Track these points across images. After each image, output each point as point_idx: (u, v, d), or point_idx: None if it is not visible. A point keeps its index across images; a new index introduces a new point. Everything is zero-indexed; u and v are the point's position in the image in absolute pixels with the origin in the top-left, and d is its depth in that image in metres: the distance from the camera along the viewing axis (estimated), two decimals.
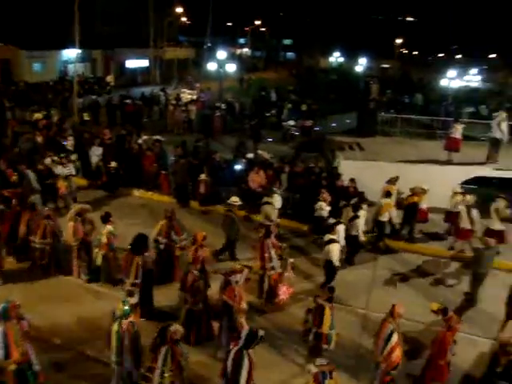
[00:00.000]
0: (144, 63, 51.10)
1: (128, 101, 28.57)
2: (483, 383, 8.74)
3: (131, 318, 8.06)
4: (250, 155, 17.58)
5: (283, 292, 11.14)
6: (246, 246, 13.24)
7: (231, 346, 7.48)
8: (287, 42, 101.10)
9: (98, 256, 11.48)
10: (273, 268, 11.10)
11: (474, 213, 14.21)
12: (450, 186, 15.76)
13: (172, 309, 10.63)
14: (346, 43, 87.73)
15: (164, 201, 17.28)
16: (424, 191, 15.24)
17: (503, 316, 10.67)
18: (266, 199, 14.36)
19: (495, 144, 18.84)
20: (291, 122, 26.01)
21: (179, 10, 58.58)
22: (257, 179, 15.85)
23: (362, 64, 79.20)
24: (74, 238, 11.69)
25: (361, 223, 13.65)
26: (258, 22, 75.42)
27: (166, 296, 11.00)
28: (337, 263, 11.74)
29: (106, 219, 11.54)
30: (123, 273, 10.27)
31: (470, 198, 14.49)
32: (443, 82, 58.44)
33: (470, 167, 18.55)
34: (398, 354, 8.24)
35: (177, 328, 7.60)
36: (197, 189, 16.63)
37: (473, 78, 76.72)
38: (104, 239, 11.32)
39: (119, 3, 49.82)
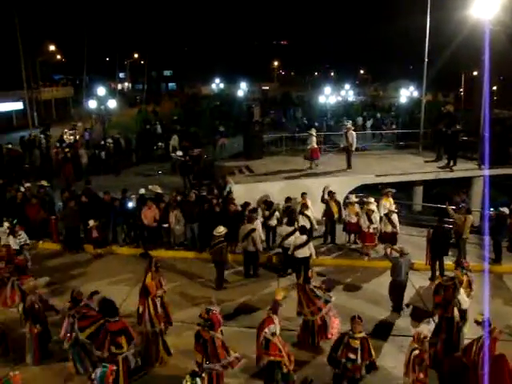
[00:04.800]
0: (19, 106, 48.55)
1: (9, 146, 26.89)
2: None
3: None
4: (142, 190, 17.23)
5: (336, 325, 10.84)
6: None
7: None
8: (167, 72, 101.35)
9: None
10: (319, 310, 10.75)
11: (395, 216, 15.36)
12: (341, 196, 16.59)
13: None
14: (225, 69, 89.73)
15: (55, 248, 16.53)
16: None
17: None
18: (250, 227, 14.10)
19: (347, 152, 20.71)
20: (179, 153, 25.89)
21: (51, 47, 56.86)
22: (149, 214, 15.61)
23: (242, 88, 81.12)
24: None
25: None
26: (136, 55, 74.93)
27: None
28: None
29: None
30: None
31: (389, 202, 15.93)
32: (321, 99, 61.56)
33: (356, 176, 19.71)
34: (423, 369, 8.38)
35: None
36: (89, 233, 16.08)
37: (347, 93, 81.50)
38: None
39: None
